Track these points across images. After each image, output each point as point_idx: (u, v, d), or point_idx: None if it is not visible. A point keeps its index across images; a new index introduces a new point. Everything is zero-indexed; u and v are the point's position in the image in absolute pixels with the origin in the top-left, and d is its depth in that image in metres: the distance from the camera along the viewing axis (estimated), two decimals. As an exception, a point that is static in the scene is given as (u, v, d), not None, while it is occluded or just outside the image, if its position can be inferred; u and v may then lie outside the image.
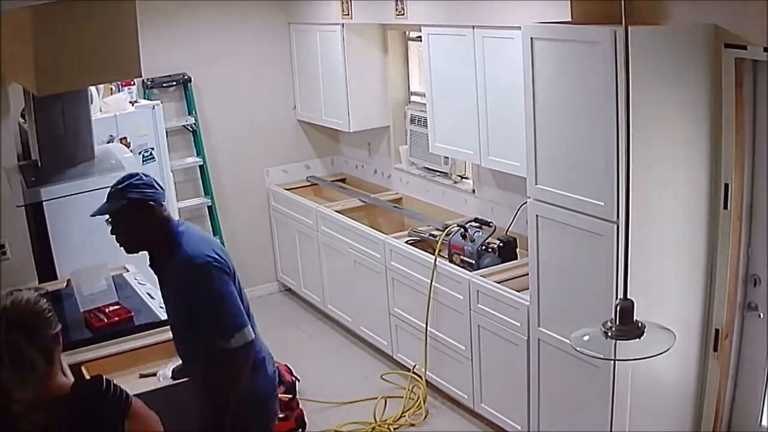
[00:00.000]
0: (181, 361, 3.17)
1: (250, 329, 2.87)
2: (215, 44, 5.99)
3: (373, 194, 5.93)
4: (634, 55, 2.52)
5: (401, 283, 4.85)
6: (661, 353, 2.16)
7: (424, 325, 4.60)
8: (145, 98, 5.57)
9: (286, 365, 4.87)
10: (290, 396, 4.63)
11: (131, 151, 4.68)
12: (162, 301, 4.03)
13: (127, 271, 4.49)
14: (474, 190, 5.07)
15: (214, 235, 6.19)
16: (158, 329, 3.74)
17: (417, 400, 4.68)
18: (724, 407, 3.64)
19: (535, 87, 3.53)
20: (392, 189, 5.95)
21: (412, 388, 4.78)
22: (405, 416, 4.60)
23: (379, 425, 4.57)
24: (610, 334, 2.18)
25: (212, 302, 2.81)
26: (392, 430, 4.54)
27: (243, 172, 6.30)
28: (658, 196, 3.34)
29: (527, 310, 3.85)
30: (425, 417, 4.61)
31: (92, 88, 4.34)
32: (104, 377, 2.28)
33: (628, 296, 2.20)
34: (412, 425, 4.57)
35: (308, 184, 6.44)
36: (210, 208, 6.17)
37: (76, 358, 3.51)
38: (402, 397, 4.74)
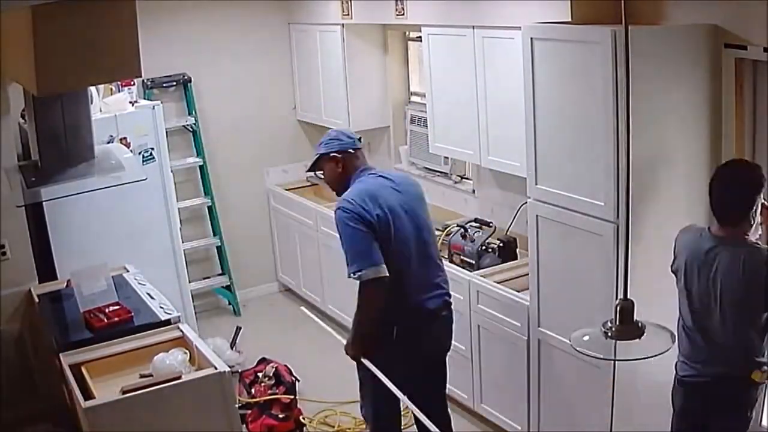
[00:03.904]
0: None
1: (376, 269, 3.34)
2: (215, 44, 6.00)
3: (373, 194, 5.92)
4: (634, 55, 2.52)
5: (401, 283, 4.84)
6: (661, 353, 2.17)
7: (424, 325, 4.59)
8: (145, 98, 5.57)
9: (285, 365, 4.87)
10: (290, 396, 4.64)
11: (131, 151, 4.68)
12: (162, 300, 4.04)
13: (127, 271, 4.50)
14: (474, 190, 5.07)
15: (214, 235, 6.20)
16: (158, 329, 3.74)
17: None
18: (724, 407, 3.63)
19: (535, 87, 3.54)
20: (392, 189, 5.94)
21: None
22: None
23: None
24: (610, 334, 2.18)
25: (342, 241, 3.45)
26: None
27: (243, 172, 6.30)
28: (658, 196, 3.34)
29: (527, 310, 3.85)
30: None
31: (92, 88, 4.33)
32: None
33: (628, 296, 2.20)
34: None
35: (308, 184, 6.44)
36: (210, 208, 6.17)
37: (76, 358, 3.52)
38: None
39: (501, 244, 4.42)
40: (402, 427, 3.86)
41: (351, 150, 3.61)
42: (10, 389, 4.23)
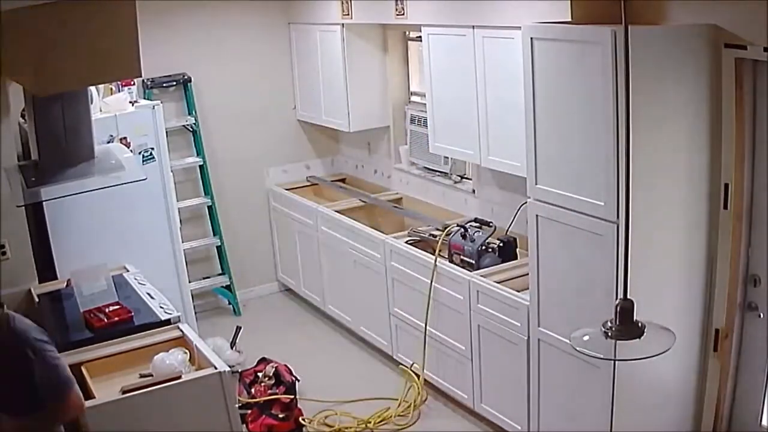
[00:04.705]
0: None
1: None
2: (215, 44, 6.00)
3: (373, 194, 5.93)
4: (634, 55, 2.52)
5: (401, 283, 4.85)
6: (661, 353, 2.16)
7: (424, 325, 4.60)
8: (145, 98, 5.57)
9: (285, 365, 4.87)
10: (290, 396, 4.64)
11: (131, 151, 4.68)
12: (162, 300, 4.04)
13: (127, 271, 4.50)
14: (474, 190, 5.07)
15: (214, 235, 6.20)
16: (158, 329, 3.74)
17: (411, 402, 4.67)
18: (724, 407, 3.64)
19: (535, 87, 3.53)
20: (392, 189, 5.95)
21: (408, 388, 4.78)
22: (392, 417, 4.61)
23: (365, 422, 4.58)
24: (610, 334, 2.18)
25: None
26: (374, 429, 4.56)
27: (243, 172, 6.30)
28: (658, 196, 3.35)
29: (527, 310, 3.85)
30: (416, 419, 4.61)
31: (92, 88, 4.34)
32: None
33: (628, 296, 2.20)
34: (398, 426, 4.58)
35: (308, 184, 6.44)
36: (210, 208, 6.17)
37: (76, 358, 3.52)
38: (396, 399, 4.75)
39: (501, 244, 4.42)
40: None
41: None
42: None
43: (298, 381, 4.81)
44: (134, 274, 4.44)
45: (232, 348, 5.35)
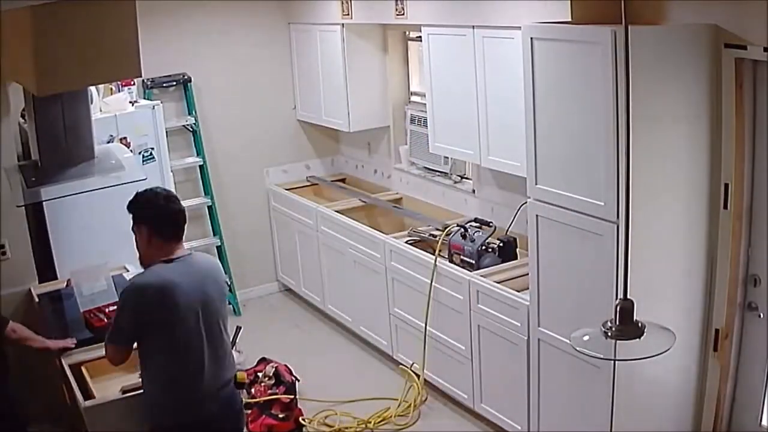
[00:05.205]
0: None
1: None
2: (215, 44, 6.00)
3: (373, 194, 5.93)
4: (634, 55, 2.52)
5: (401, 283, 4.85)
6: (661, 353, 2.16)
7: (424, 325, 4.60)
8: (145, 98, 5.57)
9: (286, 365, 4.87)
10: (290, 396, 4.64)
11: (131, 151, 4.69)
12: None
13: (127, 271, 4.50)
14: (474, 190, 5.07)
15: (214, 235, 6.20)
16: (158, 329, 3.73)
17: (411, 402, 4.67)
18: (724, 407, 3.64)
19: (535, 87, 3.54)
20: (392, 189, 5.95)
21: (408, 388, 4.78)
22: (392, 417, 4.61)
23: (366, 422, 4.58)
24: (610, 334, 2.18)
25: None
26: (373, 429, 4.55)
27: (243, 172, 6.31)
28: (658, 196, 3.34)
29: (527, 310, 3.85)
30: (416, 419, 4.61)
31: (92, 88, 4.34)
32: None
33: (628, 296, 2.20)
34: (399, 426, 4.57)
35: (308, 184, 6.44)
36: (210, 208, 6.17)
37: (76, 358, 3.53)
38: (396, 399, 4.75)
39: (501, 244, 4.42)
40: None
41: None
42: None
43: (298, 381, 4.81)
44: (134, 274, 4.44)
45: (232, 348, 5.34)
